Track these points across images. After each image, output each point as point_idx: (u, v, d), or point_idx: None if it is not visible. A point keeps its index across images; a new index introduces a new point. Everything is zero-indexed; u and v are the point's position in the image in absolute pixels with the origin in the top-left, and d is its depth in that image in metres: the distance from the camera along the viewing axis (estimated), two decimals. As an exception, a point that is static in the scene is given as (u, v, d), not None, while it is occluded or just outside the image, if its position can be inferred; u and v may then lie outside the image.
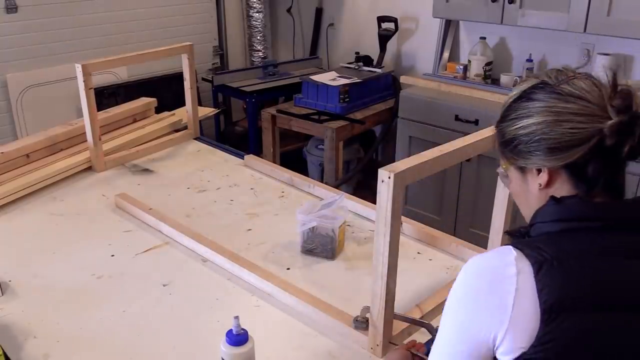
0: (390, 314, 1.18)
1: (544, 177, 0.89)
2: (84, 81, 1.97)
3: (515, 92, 0.92)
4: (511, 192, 0.99)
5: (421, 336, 1.25)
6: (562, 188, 0.88)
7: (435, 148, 1.19)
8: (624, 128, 0.81)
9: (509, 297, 0.78)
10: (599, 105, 0.83)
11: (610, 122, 0.81)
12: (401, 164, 1.09)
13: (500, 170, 0.99)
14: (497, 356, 0.81)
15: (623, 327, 0.78)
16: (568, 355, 0.77)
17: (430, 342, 1.23)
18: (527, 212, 0.94)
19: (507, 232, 1.00)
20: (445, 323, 0.87)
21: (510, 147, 0.91)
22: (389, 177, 1.05)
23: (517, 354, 0.78)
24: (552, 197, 0.87)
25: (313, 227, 1.56)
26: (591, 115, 0.83)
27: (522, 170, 0.92)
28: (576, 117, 0.83)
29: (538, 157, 0.87)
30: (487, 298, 0.81)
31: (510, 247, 0.83)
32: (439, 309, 1.33)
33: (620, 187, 0.88)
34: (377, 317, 1.18)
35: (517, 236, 0.94)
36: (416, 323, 1.25)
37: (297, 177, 2.02)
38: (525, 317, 0.78)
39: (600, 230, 0.83)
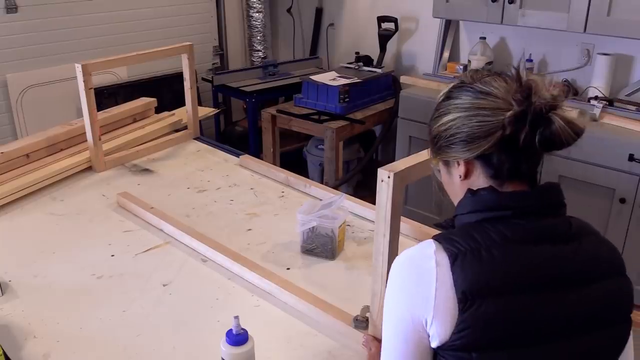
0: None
1: (461, 168, 0.96)
2: (84, 81, 1.97)
3: (441, 93, 1.00)
4: (444, 186, 1.06)
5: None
6: (480, 179, 0.95)
7: None
8: (519, 117, 0.88)
9: (431, 288, 0.86)
10: (504, 99, 0.90)
11: (508, 114, 0.88)
12: (401, 164, 1.09)
13: (432, 165, 1.06)
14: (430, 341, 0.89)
15: (532, 307, 0.86)
16: (483, 339, 0.85)
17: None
18: (456, 202, 1.02)
19: (435, 225, 1.07)
20: (386, 319, 0.94)
21: (434, 143, 0.99)
22: (389, 177, 1.05)
23: (442, 341, 0.86)
24: (469, 190, 0.96)
25: (313, 227, 1.56)
26: (496, 109, 0.90)
27: (446, 163, 1.00)
28: (483, 112, 0.91)
29: (454, 151, 0.94)
30: (414, 288, 0.89)
31: (431, 240, 0.91)
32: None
33: (528, 175, 0.94)
34: (377, 316, 1.18)
35: (445, 227, 1.01)
36: None
37: (292, 177, 2.02)
38: (445, 307, 0.85)
39: (512, 218, 0.91)
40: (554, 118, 0.88)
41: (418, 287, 0.88)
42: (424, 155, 1.15)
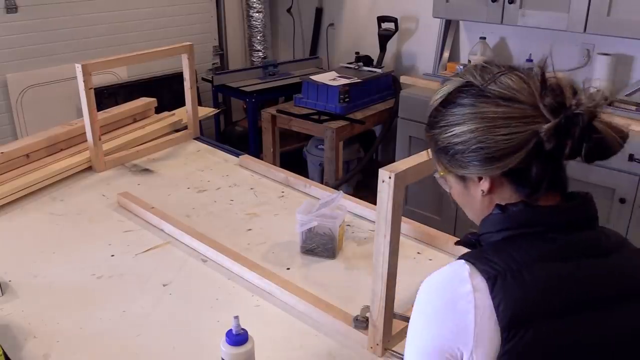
0: (389, 314, 1.19)
1: (485, 184, 0.86)
2: (84, 81, 1.96)
3: (440, 95, 0.88)
4: (453, 198, 0.95)
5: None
6: (506, 192, 0.86)
7: None
8: (561, 130, 0.78)
9: (469, 317, 0.76)
10: (531, 105, 0.80)
11: (546, 126, 0.78)
12: (401, 164, 1.09)
13: (437, 176, 0.95)
14: None
15: (581, 329, 0.78)
16: None
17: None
18: (474, 217, 0.93)
19: (458, 242, 0.97)
20: (410, 352, 0.83)
21: (446, 155, 0.87)
22: (390, 177, 1.05)
23: None
24: (497, 206, 0.85)
25: (312, 227, 1.56)
26: (524, 117, 0.79)
27: (462, 178, 0.89)
28: (510, 122, 0.79)
29: (477, 167, 0.83)
30: (447, 317, 0.78)
31: (463, 261, 0.81)
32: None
33: (563, 184, 0.86)
34: (377, 316, 1.18)
35: (468, 245, 0.92)
36: None
37: (292, 177, 2.02)
38: (487, 335, 0.75)
39: (544, 233, 0.82)
40: (600, 127, 0.78)
41: (452, 315, 0.78)
42: (425, 155, 1.15)
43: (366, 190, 3.35)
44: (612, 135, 0.80)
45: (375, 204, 1.10)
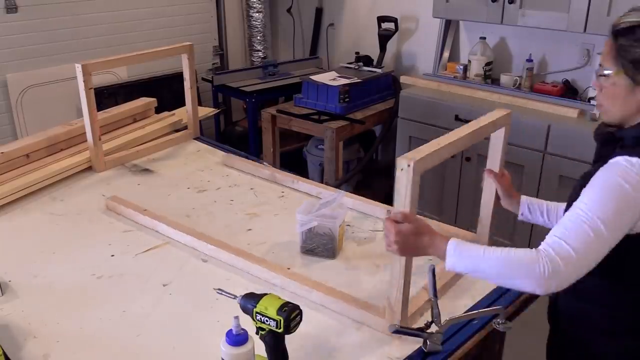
0: (406, 297, 1.22)
1: None
2: (84, 81, 1.96)
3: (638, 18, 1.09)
4: (603, 92, 1.16)
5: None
6: None
7: (451, 132, 1.21)
8: None
9: None
10: None
11: None
12: (417, 153, 1.10)
13: (606, 72, 1.13)
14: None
15: None
16: None
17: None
18: (617, 114, 1.16)
19: (598, 137, 1.23)
20: (605, 202, 1.08)
21: (635, 64, 1.08)
22: (409, 165, 1.05)
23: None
24: None
25: (312, 227, 1.56)
26: None
27: (637, 82, 1.10)
28: None
29: None
30: (633, 197, 1.07)
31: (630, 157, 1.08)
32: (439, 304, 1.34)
33: None
34: (394, 300, 1.20)
35: (611, 141, 1.18)
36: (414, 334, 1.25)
37: (278, 173, 2.03)
38: None
39: None
40: None
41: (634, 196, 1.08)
42: (438, 142, 1.15)
43: (366, 190, 3.35)
44: None
45: (375, 201, 1.10)
